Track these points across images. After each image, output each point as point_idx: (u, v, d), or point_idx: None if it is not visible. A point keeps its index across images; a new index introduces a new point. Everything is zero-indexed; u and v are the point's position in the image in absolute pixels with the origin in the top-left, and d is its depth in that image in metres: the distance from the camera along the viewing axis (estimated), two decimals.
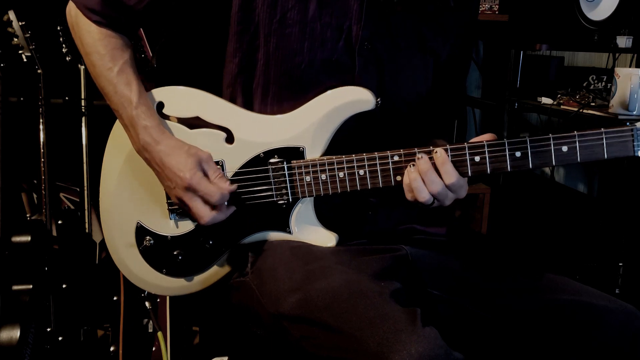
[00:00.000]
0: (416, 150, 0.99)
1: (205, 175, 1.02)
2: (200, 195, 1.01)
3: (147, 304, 1.72)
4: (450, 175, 0.97)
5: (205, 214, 1.02)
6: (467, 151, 0.97)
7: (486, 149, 0.97)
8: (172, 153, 1.02)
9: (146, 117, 1.03)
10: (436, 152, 0.97)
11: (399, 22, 1.06)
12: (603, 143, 0.93)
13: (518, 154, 0.96)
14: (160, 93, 1.08)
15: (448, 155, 0.97)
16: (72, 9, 1.08)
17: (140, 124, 1.03)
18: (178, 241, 1.11)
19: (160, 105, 1.08)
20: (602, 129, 0.93)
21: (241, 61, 1.07)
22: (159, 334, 1.71)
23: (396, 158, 1.00)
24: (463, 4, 1.13)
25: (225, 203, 1.04)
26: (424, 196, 0.97)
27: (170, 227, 1.12)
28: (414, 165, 0.98)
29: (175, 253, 1.11)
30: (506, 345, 1.02)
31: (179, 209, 1.10)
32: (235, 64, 1.07)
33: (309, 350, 0.91)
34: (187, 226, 1.11)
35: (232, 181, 1.05)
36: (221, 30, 1.06)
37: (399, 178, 1.01)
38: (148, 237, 1.12)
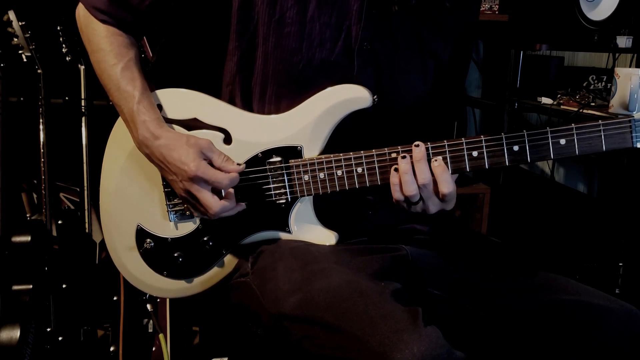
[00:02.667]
0: (412, 147, 0.99)
1: (210, 162, 1.02)
2: (209, 183, 1.01)
3: (148, 306, 1.73)
4: (447, 182, 0.96)
5: (214, 204, 1.02)
6: (464, 146, 0.98)
7: (484, 144, 0.97)
8: (173, 146, 1.01)
9: (146, 112, 1.03)
10: (417, 145, 0.97)
11: (399, 23, 1.06)
12: (601, 135, 0.94)
13: (516, 148, 0.96)
14: (157, 95, 1.08)
15: (446, 151, 0.97)
16: (80, 11, 1.09)
17: (140, 118, 1.03)
18: (178, 243, 1.11)
19: (158, 108, 1.08)
20: (600, 121, 0.93)
21: (240, 59, 1.07)
22: (161, 335, 1.71)
23: (394, 155, 1.00)
24: (463, 5, 1.13)
25: (233, 192, 1.03)
26: (411, 190, 0.96)
27: (171, 229, 1.12)
28: (404, 157, 0.97)
29: (175, 255, 1.11)
30: (506, 345, 1.02)
31: (181, 208, 1.10)
32: (234, 62, 1.07)
33: (311, 350, 0.91)
34: (187, 228, 1.11)
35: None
36: (221, 28, 1.07)
37: None
38: (148, 240, 1.12)
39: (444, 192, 0.97)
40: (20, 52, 1.74)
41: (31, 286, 1.60)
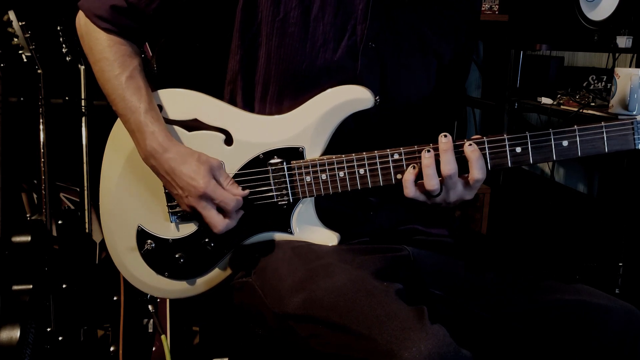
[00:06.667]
0: (416, 147, 0.99)
1: (218, 182, 1.02)
2: (215, 203, 1.01)
3: (150, 307, 1.73)
4: (480, 170, 0.96)
5: (220, 223, 1.02)
6: None
7: (486, 145, 0.97)
8: (183, 161, 1.01)
9: (154, 123, 1.02)
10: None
11: (403, 22, 1.06)
12: (603, 137, 0.94)
13: (518, 149, 0.96)
14: (158, 96, 1.08)
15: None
16: (81, 18, 1.08)
17: (148, 130, 1.02)
18: (179, 244, 1.11)
19: (159, 108, 1.07)
20: (603, 123, 0.94)
21: (242, 59, 1.07)
22: (163, 337, 1.71)
23: (396, 156, 1.00)
24: (465, 3, 1.13)
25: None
26: (433, 184, 0.96)
27: (172, 230, 1.11)
28: (429, 151, 0.97)
29: (177, 256, 1.11)
30: (506, 345, 1.02)
31: (182, 212, 1.09)
32: (236, 61, 1.07)
33: (318, 349, 0.91)
34: (188, 229, 1.11)
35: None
36: (224, 27, 1.06)
37: (399, 176, 1.01)
38: (149, 241, 1.12)
39: (478, 177, 0.96)
40: (20, 52, 1.74)
41: (31, 286, 1.60)
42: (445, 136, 0.97)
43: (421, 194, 0.99)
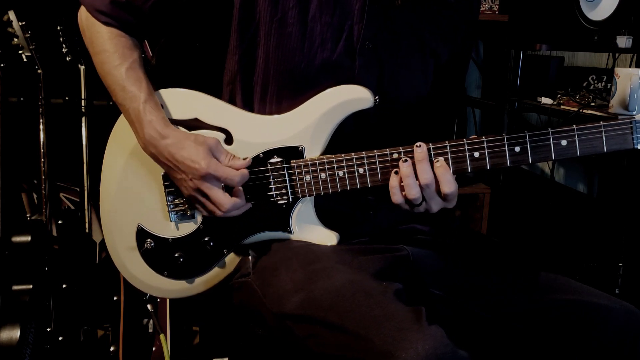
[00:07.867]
0: (414, 147, 0.99)
1: (218, 160, 1.02)
2: (221, 181, 1.01)
3: (149, 306, 1.73)
4: (447, 182, 0.97)
5: (226, 201, 1.02)
6: (466, 147, 0.98)
7: (485, 145, 0.97)
8: (181, 145, 1.01)
9: (152, 112, 1.03)
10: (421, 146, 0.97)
11: (400, 22, 1.06)
12: (602, 136, 0.94)
13: (517, 149, 0.97)
14: (159, 95, 1.08)
15: (448, 152, 0.97)
16: (82, 13, 1.09)
17: (146, 118, 1.02)
18: (179, 243, 1.11)
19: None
20: (601, 122, 0.94)
21: (241, 59, 1.07)
22: (162, 336, 1.71)
23: (395, 156, 1.00)
24: (463, 3, 1.13)
25: (242, 189, 1.04)
26: (414, 193, 0.97)
27: (171, 229, 1.12)
28: (406, 161, 0.98)
29: (176, 255, 1.11)
30: (506, 345, 1.02)
31: (182, 208, 1.09)
32: (235, 62, 1.07)
33: (315, 349, 0.91)
34: (188, 228, 1.11)
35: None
36: (222, 27, 1.06)
37: None
38: (149, 240, 1.12)
39: (446, 191, 0.97)
40: (20, 52, 1.74)
41: (31, 286, 1.60)
42: (419, 146, 0.97)
43: (405, 203, 0.99)
